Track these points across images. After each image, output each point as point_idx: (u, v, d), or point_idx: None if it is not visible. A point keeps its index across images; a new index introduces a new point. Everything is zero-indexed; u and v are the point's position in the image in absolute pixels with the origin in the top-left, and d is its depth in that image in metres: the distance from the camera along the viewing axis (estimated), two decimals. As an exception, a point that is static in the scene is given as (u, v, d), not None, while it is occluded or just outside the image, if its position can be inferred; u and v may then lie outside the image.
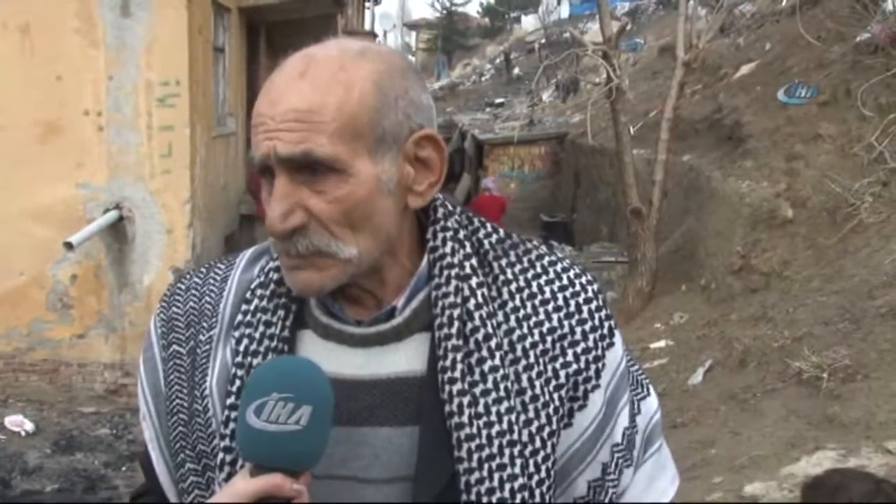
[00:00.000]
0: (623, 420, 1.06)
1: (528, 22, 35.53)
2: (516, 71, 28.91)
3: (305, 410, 0.86)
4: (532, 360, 0.99)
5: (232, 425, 0.98)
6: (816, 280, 6.57)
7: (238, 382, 0.99)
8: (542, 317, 1.01)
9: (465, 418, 0.95)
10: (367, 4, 23.98)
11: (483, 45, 37.68)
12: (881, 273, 5.95)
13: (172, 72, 7.56)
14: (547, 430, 0.98)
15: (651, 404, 1.12)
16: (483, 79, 31.77)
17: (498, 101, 25.27)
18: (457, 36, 40.42)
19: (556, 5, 30.28)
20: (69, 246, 6.96)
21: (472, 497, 0.94)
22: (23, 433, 6.83)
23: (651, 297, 8.79)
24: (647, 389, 1.12)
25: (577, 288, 1.05)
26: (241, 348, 1.01)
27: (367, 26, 23.39)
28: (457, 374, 0.96)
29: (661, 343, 7.42)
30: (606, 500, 1.04)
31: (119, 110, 7.54)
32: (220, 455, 0.98)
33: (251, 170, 9.58)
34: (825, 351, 5.23)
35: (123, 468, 6.43)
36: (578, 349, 1.02)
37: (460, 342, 0.97)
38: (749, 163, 8.45)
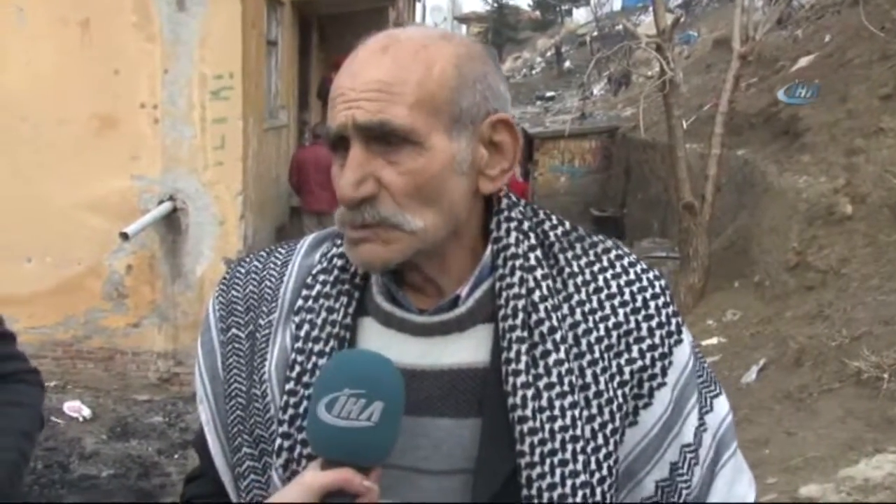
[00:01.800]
0: (693, 420, 1.02)
1: (580, 14, 35.25)
2: (567, 64, 28.72)
3: (377, 407, 0.86)
4: (597, 355, 0.98)
5: (290, 411, 0.98)
6: (876, 278, 6.38)
7: (297, 368, 0.99)
8: (607, 311, 1.00)
9: (528, 411, 0.94)
10: (417, -2, 24.01)
11: (534, 38, 37.51)
12: (945, 271, 5.77)
13: (226, 65, 7.66)
14: (610, 426, 0.96)
15: (723, 403, 1.09)
16: (534, 72, 31.65)
17: (549, 94, 25.17)
18: (507, 29, 40.30)
19: (609, -3, 29.96)
20: (125, 236, 7.09)
21: (533, 492, 0.93)
22: (80, 419, 7.01)
23: (703, 294, 8.65)
24: (719, 388, 1.09)
25: (644, 283, 1.03)
26: (302, 333, 1.00)
27: (418, 20, 23.42)
28: (521, 366, 0.95)
29: (714, 340, 7.29)
30: (680, 501, 1.01)
31: (174, 103, 7.66)
32: (278, 441, 0.98)
33: (294, 162, 9.67)
34: (885, 351, 5.08)
35: (176, 455, 6.55)
36: (644, 345, 1.00)
37: (525, 334, 0.96)
38: (806, 157, 8.25)
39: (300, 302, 1.03)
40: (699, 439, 1.03)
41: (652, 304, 1.02)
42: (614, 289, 1.01)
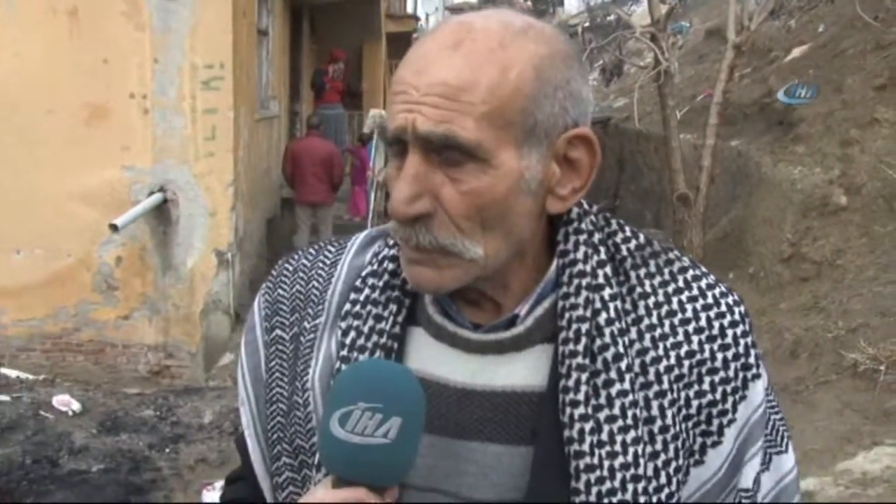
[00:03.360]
0: (755, 464, 0.94)
1: (571, 4, 35.12)
2: (559, 55, 28.65)
3: (394, 423, 0.79)
4: (665, 385, 0.88)
5: None
6: (872, 269, 6.37)
7: None
8: (680, 338, 0.90)
9: (585, 446, 0.86)
10: (409, -13, 23.86)
11: (525, 28, 37.36)
12: (941, 263, 5.75)
13: (217, 55, 7.57)
14: (674, 465, 0.87)
15: (787, 461, 1.00)
16: (525, 63, 31.53)
17: (541, 85, 25.10)
18: (499, 19, 40.20)
19: (601, -13, 29.88)
20: (114, 228, 7.02)
21: None
22: (70, 413, 6.92)
23: (697, 286, 8.63)
24: (786, 446, 1.01)
25: (723, 308, 0.93)
26: (348, 341, 0.93)
27: (410, 9, 23.29)
28: (580, 395, 0.86)
29: (708, 332, 7.27)
30: None
31: (164, 93, 7.58)
32: (319, 454, 0.92)
33: (288, 153, 9.58)
34: (882, 342, 5.07)
35: (167, 450, 6.48)
36: (716, 378, 0.90)
37: (586, 360, 0.87)
38: (801, 148, 8.23)
39: (347, 306, 0.96)
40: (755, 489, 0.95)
41: (730, 332, 0.92)
42: (689, 313, 0.91)
